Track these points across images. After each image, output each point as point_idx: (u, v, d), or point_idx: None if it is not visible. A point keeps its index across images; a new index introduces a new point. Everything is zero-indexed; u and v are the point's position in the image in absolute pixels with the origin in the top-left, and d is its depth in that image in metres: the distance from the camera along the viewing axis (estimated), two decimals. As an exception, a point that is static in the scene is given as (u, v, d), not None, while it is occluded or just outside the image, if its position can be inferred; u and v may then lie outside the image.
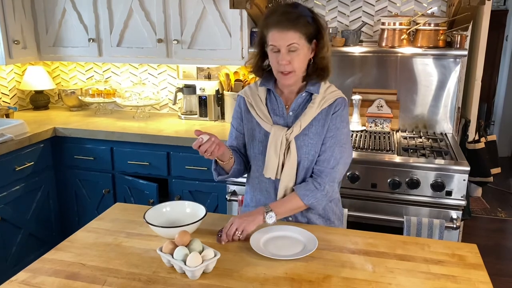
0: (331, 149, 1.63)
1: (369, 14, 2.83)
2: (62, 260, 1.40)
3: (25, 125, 2.79)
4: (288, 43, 1.52)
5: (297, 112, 1.66)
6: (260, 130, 1.69)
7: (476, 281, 1.27)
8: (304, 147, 1.64)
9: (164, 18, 2.86)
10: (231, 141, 1.80)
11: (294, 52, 1.54)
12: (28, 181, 2.77)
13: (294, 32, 1.52)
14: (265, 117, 1.68)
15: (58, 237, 2.97)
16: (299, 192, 1.62)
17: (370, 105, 2.79)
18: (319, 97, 1.63)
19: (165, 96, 3.36)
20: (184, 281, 1.28)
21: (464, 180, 2.19)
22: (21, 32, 3.05)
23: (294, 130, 1.62)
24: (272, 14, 1.57)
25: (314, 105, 1.62)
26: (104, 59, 3.10)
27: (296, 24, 1.52)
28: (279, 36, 1.53)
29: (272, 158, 1.64)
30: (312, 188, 1.61)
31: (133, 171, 2.83)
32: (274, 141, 1.63)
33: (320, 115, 1.63)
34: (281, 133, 1.62)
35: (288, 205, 1.62)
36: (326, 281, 1.28)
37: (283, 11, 1.55)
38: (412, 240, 1.53)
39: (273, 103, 1.70)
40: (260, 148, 1.69)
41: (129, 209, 1.77)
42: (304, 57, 1.58)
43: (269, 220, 1.55)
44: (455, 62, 2.66)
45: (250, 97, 1.72)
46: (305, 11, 1.57)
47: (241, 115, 1.76)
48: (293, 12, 1.54)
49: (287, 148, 1.63)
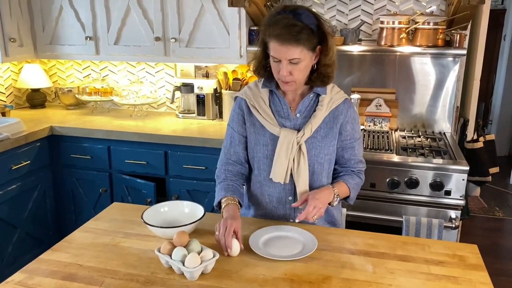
0: (352, 146, 1.69)
1: (368, 13, 2.82)
2: (59, 261, 1.39)
3: (21, 124, 2.76)
4: (289, 57, 1.48)
5: (304, 114, 1.63)
6: (264, 133, 1.64)
7: (477, 282, 1.27)
8: (313, 149, 1.62)
9: (162, 16, 2.84)
10: (235, 147, 1.70)
11: (295, 65, 1.49)
12: (25, 180, 2.75)
13: (296, 47, 1.46)
14: (271, 119, 1.63)
15: (54, 236, 2.96)
16: (349, 184, 1.67)
17: (369, 104, 2.78)
18: (327, 98, 1.62)
19: (163, 95, 3.34)
20: (183, 282, 1.27)
21: (463, 180, 2.19)
22: (17, 30, 3.03)
23: (306, 133, 1.59)
24: (274, 24, 1.47)
25: (323, 108, 1.61)
26: (101, 57, 3.08)
27: (298, 39, 1.45)
28: (280, 49, 1.47)
29: (282, 162, 1.59)
30: (360, 183, 1.71)
31: (130, 170, 2.81)
32: (285, 145, 1.59)
33: (328, 117, 1.62)
34: (292, 137, 1.58)
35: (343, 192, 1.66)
36: (326, 282, 1.27)
37: (285, 24, 1.45)
38: (412, 240, 1.52)
39: (277, 105, 1.65)
40: (265, 152, 1.64)
41: (126, 209, 1.76)
42: (306, 67, 1.53)
43: (336, 203, 1.62)
44: (454, 61, 2.65)
45: (253, 99, 1.66)
46: (309, 19, 1.47)
47: (243, 117, 1.69)
48: (296, 26, 1.45)
49: (297, 151, 1.60)
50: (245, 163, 1.72)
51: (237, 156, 1.71)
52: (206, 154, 2.63)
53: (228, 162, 1.71)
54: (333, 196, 1.59)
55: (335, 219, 1.74)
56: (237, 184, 1.67)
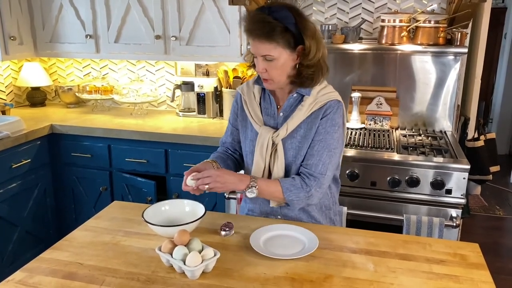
0: (319, 154, 1.54)
1: (369, 11, 2.81)
2: (59, 260, 1.38)
3: (21, 122, 2.76)
4: (262, 54, 1.47)
5: (287, 113, 1.61)
6: (252, 129, 1.66)
7: (479, 281, 1.26)
8: (292, 150, 1.59)
9: (162, 14, 2.84)
10: (226, 136, 1.80)
11: (270, 62, 1.48)
12: (25, 178, 2.74)
13: (268, 44, 1.45)
14: (255, 116, 1.65)
15: (55, 234, 2.96)
16: (283, 185, 1.54)
17: (370, 102, 2.77)
18: (310, 99, 1.56)
19: (163, 93, 3.33)
20: (184, 281, 1.26)
21: (464, 179, 2.18)
22: (17, 28, 3.02)
23: (280, 133, 1.58)
24: (248, 20, 1.47)
25: (303, 108, 1.56)
26: (102, 55, 3.08)
27: (270, 35, 1.43)
28: (253, 45, 1.48)
29: (258, 160, 1.61)
30: (298, 186, 1.53)
31: (130, 169, 2.80)
32: (260, 143, 1.60)
33: (310, 118, 1.57)
34: (267, 135, 1.59)
35: (271, 190, 1.55)
36: (327, 281, 1.26)
37: (257, 20, 1.44)
38: (413, 239, 1.52)
39: (267, 102, 1.67)
40: (251, 148, 1.66)
41: (127, 208, 1.75)
42: (283, 66, 1.50)
43: (249, 194, 1.51)
44: (455, 59, 2.64)
45: (246, 94, 1.69)
46: (285, 17, 1.44)
47: (237, 110, 1.74)
48: (269, 22, 1.43)
49: (274, 151, 1.60)
50: (235, 151, 1.80)
51: (228, 144, 1.80)
52: (207, 152, 2.58)
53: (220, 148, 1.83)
54: (246, 185, 1.51)
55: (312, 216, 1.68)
56: (222, 155, 1.76)
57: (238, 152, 1.79)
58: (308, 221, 1.66)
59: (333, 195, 1.72)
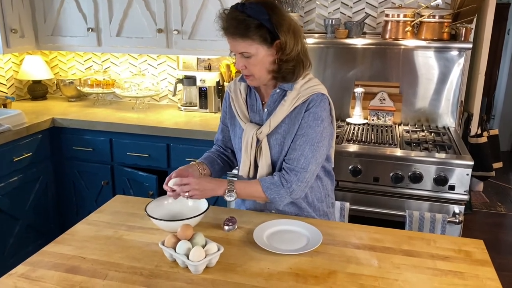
0: (301, 148, 1.52)
1: (373, 6, 2.79)
2: (62, 253, 1.38)
3: (23, 115, 2.75)
4: (240, 51, 1.47)
5: (271, 109, 1.59)
6: (240, 126, 1.66)
7: (484, 277, 1.26)
8: (277, 146, 1.58)
9: (165, 7, 2.82)
10: (218, 134, 1.83)
11: (248, 58, 1.48)
12: (26, 172, 2.73)
13: (243, 40, 1.44)
14: (241, 113, 1.65)
15: (56, 228, 2.95)
16: (263, 184, 1.53)
17: (373, 98, 2.76)
18: (293, 93, 1.54)
19: (165, 87, 3.32)
20: (187, 276, 1.26)
21: (467, 175, 2.17)
22: (18, 21, 3.00)
23: (264, 129, 1.57)
24: (222, 18, 1.46)
25: (286, 103, 1.54)
26: (103, 49, 3.06)
27: (245, 32, 1.43)
28: (229, 42, 1.48)
29: (244, 157, 1.62)
30: (278, 183, 1.52)
31: (132, 163, 2.80)
32: (245, 140, 1.60)
33: (293, 113, 1.55)
34: (251, 132, 1.59)
35: (251, 190, 1.55)
36: (331, 277, 1.25)
37: (230, 17, 1.44)
38: (417, 235, 1.51)
39: (252, 99, 1.66)
40: (239, 145, 1.66)
41: (129, 202, 1.75)
42: (261, 62, 1.49)
43: (228, 198, 1.51)
44: (459, 55, 2.63)
45: (233, 92, 1.69)
46: (258, 13, 1.42)
47: (226, 108, 1.74)
48: (241, 19, 1.42)
49: (259, 147, 1.59)
50: (226, 149, 1.81)
51: (219, 142, 1.83)
52: (208, 146, 2.56)
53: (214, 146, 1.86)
54: (224, 190, 1.51)
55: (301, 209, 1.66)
56: (212, 155, 1.78)
57: (230, 149, 1.80)
58: (299, 214, 1.65)
59: (325, 188, 1.70)
